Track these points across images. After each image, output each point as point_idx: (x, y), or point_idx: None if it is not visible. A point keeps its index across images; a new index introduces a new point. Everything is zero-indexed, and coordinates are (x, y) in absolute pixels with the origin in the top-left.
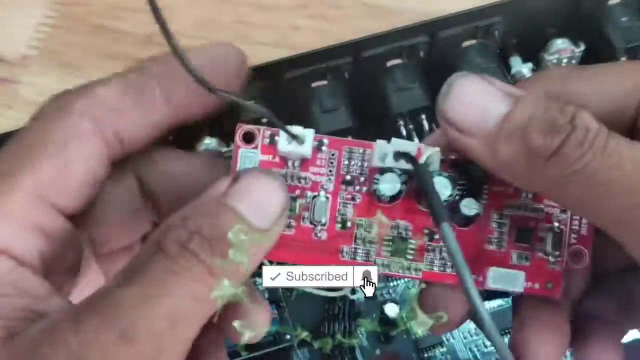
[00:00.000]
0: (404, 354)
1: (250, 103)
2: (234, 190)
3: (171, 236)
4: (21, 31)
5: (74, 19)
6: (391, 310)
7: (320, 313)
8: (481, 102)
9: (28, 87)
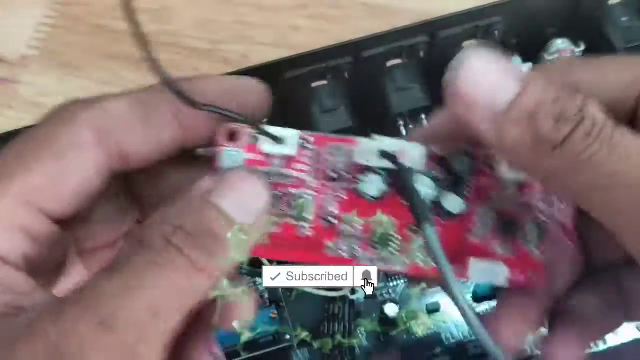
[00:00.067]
0: (404, 354)
1: (237, 116)
2: (218, 187)
3: (155, 231)
4: (21, 31)
5: (74, 19)
6: (391, 310)
7: (320, 313)
8: (492, 80)
9: (28, 87)
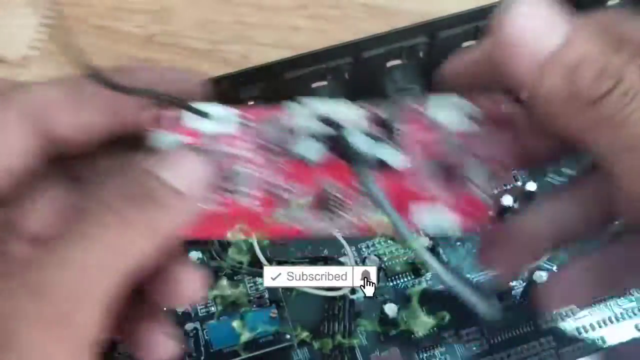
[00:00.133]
0: (404, 354)
1: (166, 97)
2: (158, 162)
3: (92, 197)
4: (21, 32)
5: (74, 19)
6: (391, 310)
7: (320, 313)
8: (538, 26)
9: None
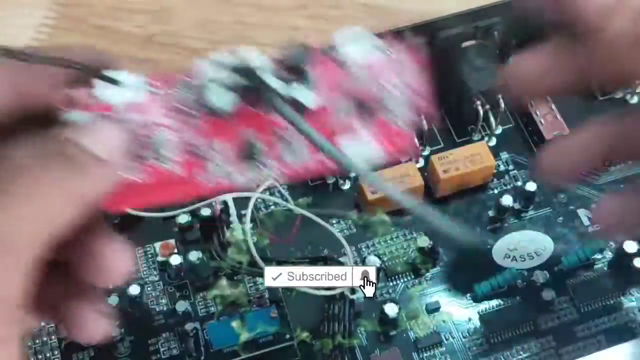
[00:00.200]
0: (404, 354)
1: (72, 61)
2: (77, 129)
3: (7, 161)
4: (21, 32)
5: (74, 19)
6: (391, 310)
7: (320, 313)
8: None
9: None
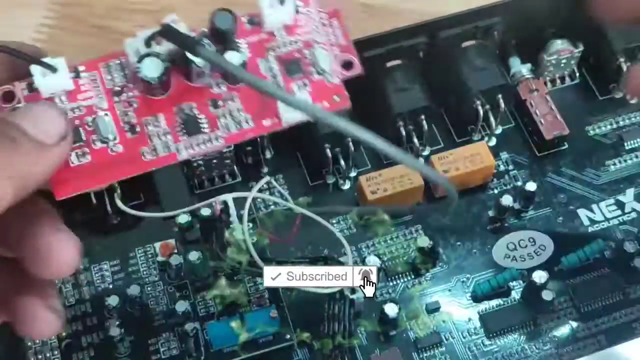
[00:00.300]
0: (404, 354)
1: (12, 48)
2: (15, 113)
3: None
4: (21, 32)
5: (74, 19)
6: (391, 310)
7: (320, 313)
8: None
9: None
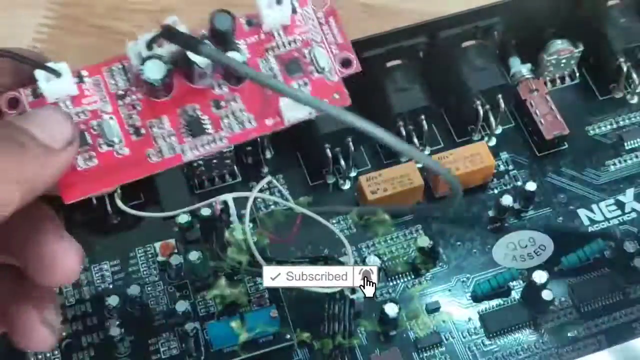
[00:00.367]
0: (404, 354)
1: (15, 52)
2: (22, 115)
3: None
4: (21, 32)
5: (74, 19)
6: (391, 310)
7: (320, 313)
8: None
9: None
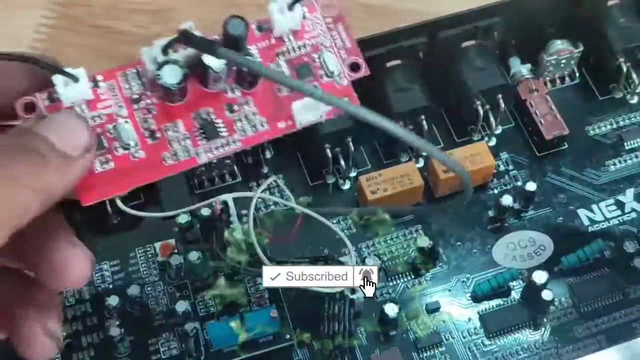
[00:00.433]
0: (404, 354)
1: (33, 57)
2: (41, 122)
3: None
4: (21, 32)
5: (73, 19)
6: (391, 310)
7: (320, 313)
8: None
9: None
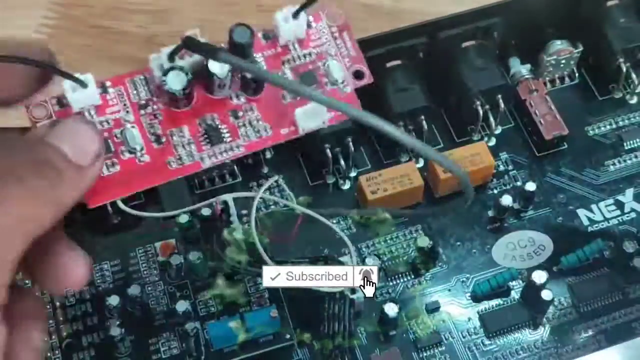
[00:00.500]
0: (404, 354)
1: (48, 64)
2: (54, 131)
3: None
4: (21, 32)
5: (74, 19)
6: (391, 310)
7: (320, 313)
8: None
9: None
